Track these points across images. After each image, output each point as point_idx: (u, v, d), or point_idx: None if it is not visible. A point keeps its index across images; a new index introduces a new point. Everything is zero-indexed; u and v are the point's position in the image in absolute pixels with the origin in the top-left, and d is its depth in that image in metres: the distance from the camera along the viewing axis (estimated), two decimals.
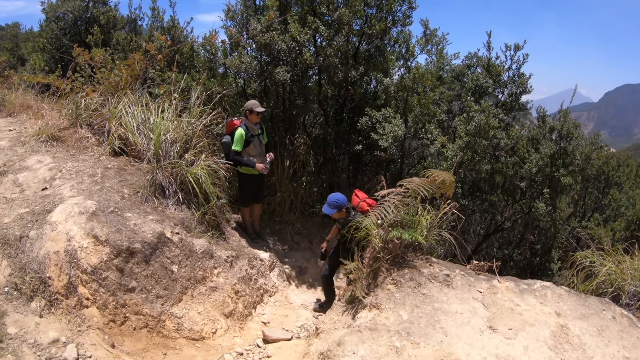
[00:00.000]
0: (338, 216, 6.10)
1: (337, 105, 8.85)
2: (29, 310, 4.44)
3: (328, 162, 8.91)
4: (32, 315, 4.41)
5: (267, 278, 6.70)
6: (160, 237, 5.42)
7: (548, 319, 4.06)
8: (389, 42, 8.49)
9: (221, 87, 7.63)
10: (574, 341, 3.83)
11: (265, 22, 7.48)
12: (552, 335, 3.87)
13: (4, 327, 4.15)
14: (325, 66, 7.67)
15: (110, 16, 12.94)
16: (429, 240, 4.83)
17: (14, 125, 7.60)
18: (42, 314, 4.48)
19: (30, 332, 4.25)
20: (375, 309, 4.47)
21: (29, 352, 4.07)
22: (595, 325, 4.02)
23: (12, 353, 3.97)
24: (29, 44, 15.50)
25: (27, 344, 4.14)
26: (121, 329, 4.89)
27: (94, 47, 10.53)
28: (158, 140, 6.29)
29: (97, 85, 7.49)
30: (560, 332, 3.93)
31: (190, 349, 5.15)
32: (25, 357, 4.00)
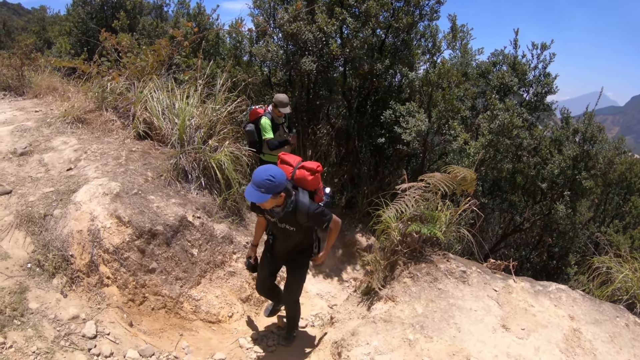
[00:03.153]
0: (274, 204, 4.15)
1: (361, 97, 8.81)
2: (50, 286, 4.53)
3: (350, 153, 8.87)
4: (53, 292, 4.50)
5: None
6: (182, 221, 5.47)
7: (561, 322, 4.03)
8: (416, 36, 8.43)
9: (246, 75, 7.66)
10: (586, 346, 3.79)
11: (292, 12, 7.48)
12: (564, 339, 3.85)
13: (25, 302, 4.23)
14: (351, 58, 7.64)
15: (136, 1, 13.05)
16: (447, 236, 4.83)
17: (40, 107, 7.71)
18: (63, 290, 4.57)
19: (50, 308, 4.34)
20: (390, 301, 4.48)
21: (49, 327, 4.16)
22: (607, 331, 3.98)
23: (33, 327, 4.06)
24: (55, 27, 15.66)
25: (48, 319, 4.23)
26: (140, 309, 4.98)
27: (120, 32, 10.61)
28: (183, 126, 6.34)
29: (123, 70, 7.56)
30: (573, 335, 3.89)
31: (207, 331, 5.22)
32: (45, 332, 4.09)
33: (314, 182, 4.44)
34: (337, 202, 8.72)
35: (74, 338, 4.20)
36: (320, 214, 4.31)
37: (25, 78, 9.06)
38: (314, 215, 4.25)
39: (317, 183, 4.49)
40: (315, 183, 4.46)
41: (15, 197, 5.25)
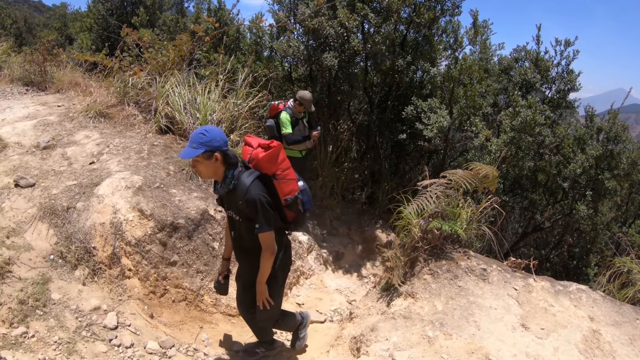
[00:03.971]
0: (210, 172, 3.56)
1: (383, 93, 8.76)
2: (72, 277, 4.58)
3: (371, 149, 8.83)
4: (75, 283, 4.55)
5: (304, 261, 6.72)
6: (204, 214, 5.49)
7: (581, 323, 4.00)
8: (437, 31, 8.36)
9: (267, 70, 7.66)
10: (605, 347, 3.76)
11: (313, 7, 7.47)
12: (584, 340, 3.82)
13: (48, 292, 4.29)
14: (372, 53, 7.59)
15: None
16: (468, 233, 4.81)
17: (62, 102, 7.80)
18: (85, 282, 4.62)
19: (72, 299, 4.38)
20: (410, 297, 4.47)
21: (70, 318, 4.20)
22: (627, 333, 3.94)
23: (55, 317, 4.11)
24: (76, 23, 15.86)
25: (70, 310, 4.28)
26: (160, 301, 5.03)
27: (140, 28, 10.70)
28: (204, 120, 6.38)
29: (145, 65, 7.61)
30: (592, 337, 3.87)
31: (226, 324, 5.25)
32: (67, 322, 4.13)
33: (269, 162, 3.64)
34: (358, 198, 8.70)
35: (95, 329, 4.24)
36: (259, 204, 3.45)
37: (47, 73, 9.18)
38: (249, 200, 3.45)
39: (273, 165, 3.67)
40: (270, 164, 3.66)
41: (39, 189, 5.31)
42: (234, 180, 3.56)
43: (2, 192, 5.21)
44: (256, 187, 3.50)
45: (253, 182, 3.51)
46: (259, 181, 3.57)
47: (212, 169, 3.52)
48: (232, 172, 3.56)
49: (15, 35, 17.67)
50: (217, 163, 3.47)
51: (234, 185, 3.55)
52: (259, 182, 3.56)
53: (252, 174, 3.58)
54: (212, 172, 3.55)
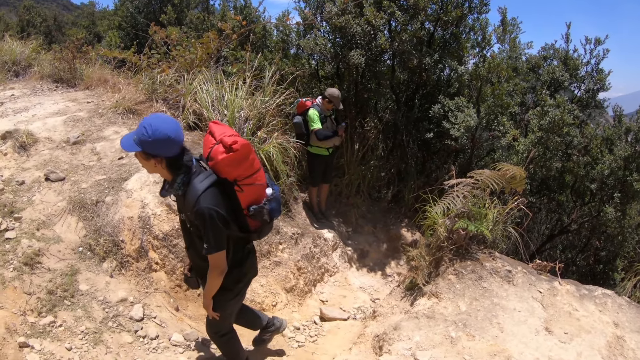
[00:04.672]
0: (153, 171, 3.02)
1: (410, 91, 8.73)
2: (100, 270, 4.66)
3: (397, 147, 8.80)
4: (103, 275, 4.63)
5: (329, 258, 6.75)
6: None
7: (605, 328, 3.97)
8: (465, 29, 8.30)
9: (294, 68, 7.68)
10: (629, 355, 3.73)
11: (340, 5, 7.47)
12: (607, 345, 3.79)
13: (76, 283, 4.38)
14: (399, 51, 7.57)
15: None
16: (494, 234, 4.79)
17: (91, 98, 7.92)
18: (113, 274, 4.70)
19: (100, 290, 4.47)
20: (434, 297, 4.47)
21: (98, 308, 4.29)
22: None
23: (82, 308, 4.20)
24: (104, 21, 16.17)
25: (97, 301, 4.36)
26: (186, 294, 5.11)
27: (168, 26, 10.81)
28: (232, 117, 6.41)
29: (173, 62, 7.69)
30: (616, 343, 3.83)
31: None
32: (94, 313, 4.22)
33: (229, 166, 3.03)
34: (383, 196, 8.68)
35: (121, 320, 4.32)
36: (209, 221, 2.91)
37: (76, 70, 9.33)
38: (198, 214, 2.91)
39: (234, 169, 3.05)
40: (231, 168, 3.04)
41: (69, 183, 5.41)
42: (183, 186, 3.00)
43: (33, 186, 5.31)
44: (208, 198, 2.91)
45: (206, 190, 2.92)
46: (215, 189, 2.98)
47: (152, 169, 2.98)
48: (181, 178, 2.99)
49: (44, 34, 18.05)
50: (159, 167, 2.94)
51: (184, 192, 3.01)
52: (214, 191, 2.97)
53: (207, 178, 2.98)
54: (153, 171, 3.01)
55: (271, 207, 3.29)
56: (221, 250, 3.05)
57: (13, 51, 11.07)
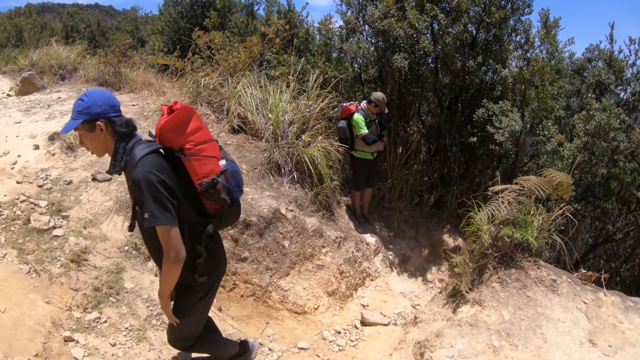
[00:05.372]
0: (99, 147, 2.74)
1: (452, 95, 8.63)
2: (145, 268, 4.75)
3: (440, 152, 8.70)
4: (147, 274, 4.71)
5: (370, 262, 6.72)
6: (275, 213, 5.57)
7: None
8: (507, 31, 8.16)
9: (337, 71, 7.70)
10: None
11: (382, 9, 7.46)
12: None
13: (121, 281, 4.48)
14: (443, 54, 7.52)
15: (226, 0, 13.46)
16: (538, 242, 4.69)
17: (136, 101, 8.11)
18: (157, 273, 4.76)
19: (144, 288, 4.54)
20: (477, 305, 4.42)
21: (142, 306, 4.36)
22: None
23: (127, 305, 4.29)
24: (147, 26, 16.55)
25: (141, 299, 4.44)
26: (229, 295, 5.12)
27: (211, 30, 10.98)
28: (276, 121, 6.49)
29: (216, 66, 7.81)
30: None
31: (292, 321, 5.28)
32: (138, 310, 4.30)
33: (171, 131, 2.74)
34: (426, 201, 8.61)
35: (165, 318, 4.35)
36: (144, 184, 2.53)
37: (121, 74, 9.57)
38: (134, 180, 2.56)
39: (179, 135, 2.74)
40: (174, 134, 2.74)
41: (115, 184, 5.54)
42: (125, 155, 2.71)
43: (80, 186, 5.47)
44: (146, 163, 2.60)
45: (145, 156, 2.62)
46: (157, 155, 2.69)
47: (100, 142, 2.70)
48: (123, 145, 2.72)
49: (88, 39, 18.55)
50: (104, 134, 2.66)
51: (126, 162, 2.70)
52: (155, 157, 2.66)
53: (149, 146, 2.70)
54: (101, 146, 2.73)
55: (228, 185, 2.87)
56: (171, 225, 2.57)
57: (59, 55, 11.45)
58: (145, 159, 2.59)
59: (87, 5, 48.05)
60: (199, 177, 2.75)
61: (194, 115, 2.82)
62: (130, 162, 2.64)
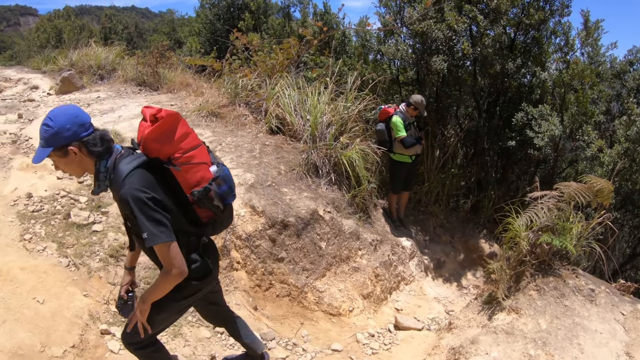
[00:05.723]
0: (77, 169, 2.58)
1: (491, 98, 8.52)
2: None
3: (477, 156, 8.57)
4: None
5: (405, 266, 6.69)
6: (313, 214, 5.59)
7: None
8: (546, 33, 8.02)
9: (375, 74, 7.69)
10: None
11: (421, 10, 7.41)
12: None
13: None
14: (482, 57, 7.43)
15: (260, 3, 13.60)
16: (577, 250, 4.61)
17: (174, 101, 8.26)
18: None
19: None
20: (514, 312, 4.37)
21: None
22: None
23: None
24: (184, 28, 16.80)
25: None
26: (265, 294, 5.16)
27: (246, 32, 11.10)
28: (315, 122, 6.53)
29: (254, 67, 7.88)
30: None
31: (326, 322, 5.29)
32: None
33: (157, 141, 2.55)
34: (462, 206, 8.53)
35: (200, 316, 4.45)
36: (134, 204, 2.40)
37: (159, 75, 9.76)
38: (122, 200, 2.44)
39: (165, 145, 2.56)
40: (159, 144, 2.55)
41: None
42: (108, 173, 2.55)
43: None
44: (134, 179, 2.45)
45: (132, 172, 2.48)
46: (143, 170, 2.52)
47: (76, 165, 2.54)
48: (104, 164, 2.55)
49: (126, 40, 18.92)
50: (79, 157, 2.49)
51: (111, 180, 2.55)
52: (142, 172, 2.50)
53: (135, 160, 2.55)
54: (78, 168, 2.58)
55: (221, 190, 2.72)
56: (169, 240, 2.46)
57: (98, 56, 11.77)
58: (131, 176, 2.45)
59: (124, 8, 49.09)
60: (190, 187, 2.63)
61: (180, 121, 2.63)
62: (115, 180, 2.51)
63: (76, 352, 3.63)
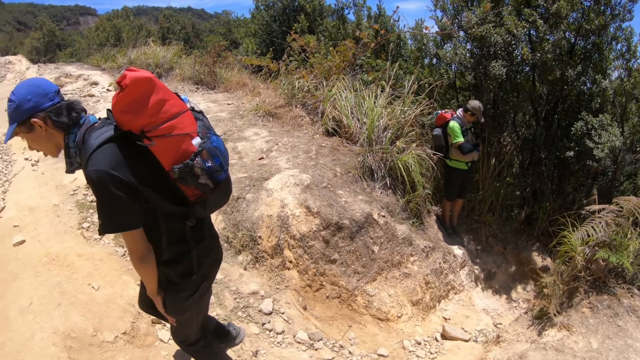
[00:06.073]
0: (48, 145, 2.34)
1: (549, 106, 8.28)
2: (235, 262, 4.95)
3: (533, 165, 8.37)
4: (237, 267, 4.92)
5: (456, 275, 6.61)
6: (368, 218, 5.58)
7: None
8: (607, 39, 7.70)
9: (432, 78, 7.62)
10: None
11: (479, 14, 7.30)
12: None
13: None
14: (541, 62, 7.24)
15: (315, 5, 13.72)
16: (634, 268, 4.47)
17: (231, 100, 8.43)
18: (247, 267, 4.96)
19: (233, 281, 4.74)
20: (565, 329, 4.29)
21: (229, 297, 4.55)
22: None
23: (215, 295, 4.47)
24: (240, 29, 17.14)
25: (229, 290, 4.63)
26: (315, 295, 5.18)
27: (302, 34, 11.21)
28: (371, 125, 6.53)
29: (311, 69, 7.95)
30: None
31: (374, 327, 5.27)
32: (225, 301, 4.49)
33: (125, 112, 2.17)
34: (516, 216, 8.34)
35: (250, 311, 4.54)
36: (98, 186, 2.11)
37: (216, 74, 9.97)
38: (87, 178, 2.14)
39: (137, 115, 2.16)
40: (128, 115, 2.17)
41: None
42: (77, 148, 2.28)
43: None
44: (100, 157, 2.13)
45: (98, 148, 2.15)
46: (113, 145, 2.17)
47: (45, 141, 2.30)
48: (73, 138, 2.28)
49: (184, 40, 19.41)
50: (46, 131, 2.25)
51: (81, 157, 2.26)
52: (110, 148, 2.16)
53: (106, 133, 2.22)
54: (49, 145, 2.33)
55: (207, 166, 2.31)
56: (127, 229, 2.23)
57: (156, 55, 12.15)
58: (98, 153, 2.13)
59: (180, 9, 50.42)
60: (169, 163, 2.24)
61: (154, 86, 2.21)
62: (83, 156, 2.22)
63: (127, 339, 3.74)
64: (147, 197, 2.21)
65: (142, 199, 2.19)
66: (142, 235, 2.28)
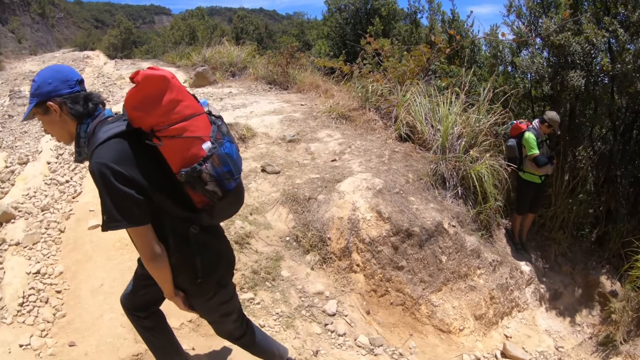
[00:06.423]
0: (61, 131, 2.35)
1: (628, 120, 7.87)
2: (303, 261, 5.01)
3: (608, 182, 7.94)
4: (304, 266, 4.97)
5: (521, 292, 6.43)
6: (438, 227, 5.54)
7: None
8: None
9: (508, 86, 7.46)
10: None
11: (558, 21, 7.05)
12: None
13: (278, 269, 4.79)
14: (622, 74, 6.82)
15: (390, 8, 13.70)
16: None
17: (304, 101, 8.55)
18: (314, 267, 5.00)
19: (299, 279, 4.79)
20: (630, 359, 4.07)
21: (294, 295, 4.61)
22: None
23: (281, 292, 4.57)
24: (313, 31, 17.34)
25: (295, 289, 4.69)
26: (379, 300, 5.17)
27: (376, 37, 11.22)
28: (446, 133, 6.47)
29: (385, 73, 7.94)
30: None
31: (435, 338, 5.20)
32: (290, 299, 4.55)
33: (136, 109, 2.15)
34: (587, 236, 7.99)
35: (314, 311, 4.57)
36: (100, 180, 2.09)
37: (289, 75, 10.13)
38: (90, 171, 2.13)
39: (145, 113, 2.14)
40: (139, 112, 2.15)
41: (283, 177, 5.90)
42: (87, 139, 2.28)
43: (250, 175, 5.95)
44: (103, 151, 2.12)
45: (104, 142, 2.14)
46: (121, 140, 2.16)
47: (58, 126, 2.31)
48: (84, 128, 2.29)
49: (257, 40, 19.80)
50: (61, 117, 2.27)
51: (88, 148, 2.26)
52: (117, 143, 2.15)
53: (116, 127, 2.21)
54: (61, 131, 2.33)
55: (217, 172, 2.24)
56: (130, 226, 2.16)
57: (230, 54, 12.49)
58: (102, 148, 2.12)
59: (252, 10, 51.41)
60: (178, 165, 2.19)
61: (169, 85, 2.16)
62: (89, 148, 2.21)
63: (192, 327, 3.95)
64: (152, 196, 2.18)
65: (147, 197, 2.16)
66: (149, 233, 2.23)
